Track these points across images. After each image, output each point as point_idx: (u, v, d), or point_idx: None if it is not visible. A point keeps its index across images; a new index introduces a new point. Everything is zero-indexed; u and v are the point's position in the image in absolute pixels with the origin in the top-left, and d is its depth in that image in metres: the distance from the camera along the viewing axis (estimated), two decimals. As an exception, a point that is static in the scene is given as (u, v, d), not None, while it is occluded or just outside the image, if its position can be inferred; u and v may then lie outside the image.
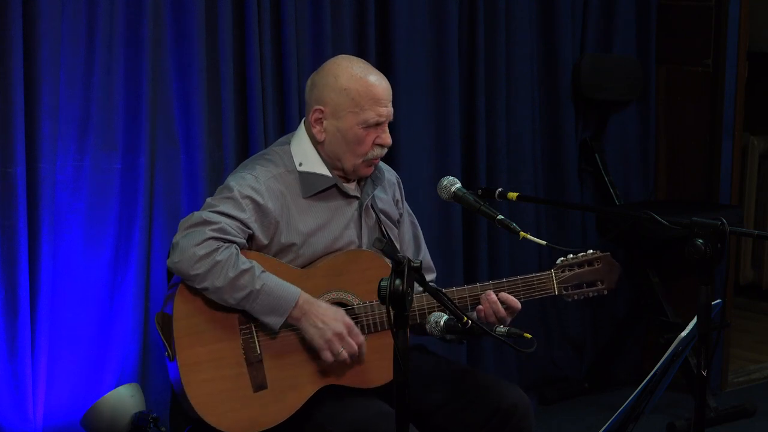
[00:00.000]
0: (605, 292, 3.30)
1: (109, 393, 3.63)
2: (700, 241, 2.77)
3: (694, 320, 2.84)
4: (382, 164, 3.34)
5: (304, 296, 3.07)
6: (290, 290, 3.06)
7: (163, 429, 3.59)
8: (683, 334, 2.91)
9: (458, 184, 3.20)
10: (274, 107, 4.02)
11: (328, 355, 3.08)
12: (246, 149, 3.99)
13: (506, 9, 4.68)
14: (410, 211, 3.47)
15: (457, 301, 3.18)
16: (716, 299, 2.87)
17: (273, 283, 3.05)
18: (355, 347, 3.09)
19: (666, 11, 5.17)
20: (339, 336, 3.07)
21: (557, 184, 5.02)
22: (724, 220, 2.78)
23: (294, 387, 3.10)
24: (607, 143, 5.16)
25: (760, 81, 5.90)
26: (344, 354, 3.08)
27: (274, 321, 3.05)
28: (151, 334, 3.82)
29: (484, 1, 4.61)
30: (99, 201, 3.70)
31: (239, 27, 3.94)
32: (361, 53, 4.20)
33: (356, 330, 3.10)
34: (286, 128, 4.05)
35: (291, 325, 3.09)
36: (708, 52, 5.09)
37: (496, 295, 3.18)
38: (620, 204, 5.05)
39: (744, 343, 5.79)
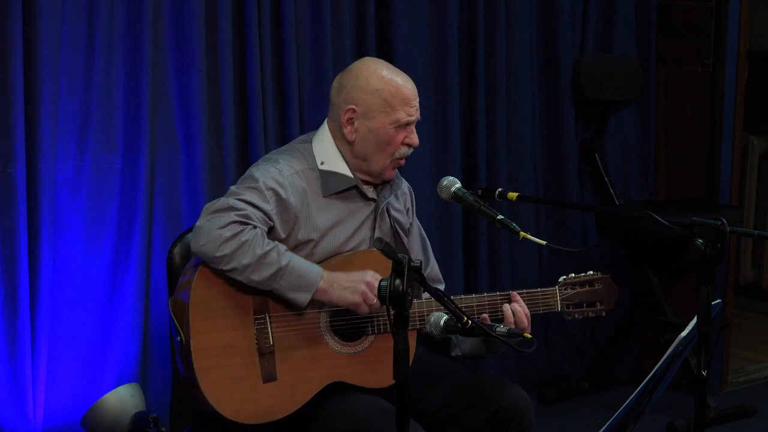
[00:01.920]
0: (603, 314, 3.36)
1: (109, 393, 3.63)
2: (700, 241, 2.77)
3: (694, 320, 2.84)
4: (398, 173, 3.37)
5: (326, 271, 3.10)
6: (314, 267, 3.09)
7: (163, 429, 3.59)
8: (683, 334, 2.91)
9: (458, 184, 3.20)
10: (274, 107, 4.02)
11: (364, 308, 3.10)
12: (246, 149, 3.99)
13: (506, 9, 4.68)
14: (419, 225, 3.49)
15: (464, 309, 3.19)
16: (716, 299, 2.87)
17: (297, 261, 3.07)
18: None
19: (666, 11, 5.18)
20: (369, 285, 3.09)
21: (557, 184, 5.02)
22: (724, 220, 2.78)
23: (303, 381, 3.11)
24: (607, 143, 5.16)
25: (760, 81, 5.90)
26: (378, 303, 3.09)
27: (302, 297, 3.06)
28: (151, 334, 3.83)
29: (484, 1, 4.61)
30: (99, 201, 3.70)
31: (239, 27, 3.94)
32: (360, 53, 4.20)
33: (377, 275, 3.12)
34: (286, 128, 4.05)
35: (317, 303, 3.10)
36: (708, 52, 5.09)
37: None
38: (620, 204, 5.05)
39: (744, 343, 5.79)
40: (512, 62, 4.75)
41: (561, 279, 3.32)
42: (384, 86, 3.20)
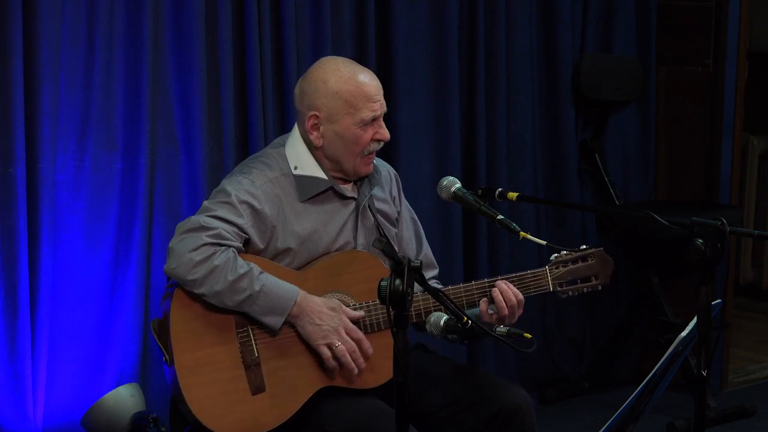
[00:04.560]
0: (599, 288, 3.29)
1: (109, 393, 3.62)
2: (700, 241, 2.77)
3: (694, 320, 2.84)
4: (378, 161, 3.34)
5: (302, 294, 3.08)
6: (289, 289, 3.07)
7: (163, 429, 3.58)
8: (683, 334, 2.91)
9: (458, 184, 3.20)
10: (274, 107, 4.02)
11: (326, 351, 3.08)
12: (246, 149, 3.99)
13: (506, 9, 4.68)
14: (409, 207, 3.46)
15: (453, 299, 3.17)
16: (716, 299, 2.87)
17: (272, 284, 3.05)
18: (352, 343, 3.10)
19: (666, 11, 5.17)
20: (336, 332, 3.08)
21: (557, 184, 5.02)
22: (724, 220, 2.78)
23: (292, 389, 3.10)
24: (607, 143, 5.16)
25: (760, 81, 5.90)
26: (341, 348, 3.08)
27: (274, 321, 3.05)
28: (151, 334, 3.81)
29: (484, 1, 4.61)
30: (99, 201, 3.70)
31: (239, 27, 3.94)
32: (361, 53, 4.20)
33: (352, 326, 3.11)
34: (286, 128, 4.04)
35: (291, 324, 3.09)
36: (708, 52, 5.09)
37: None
38: (620, 204, 5.05)
39: (744, 343, 5.79)
40: (512, 62, 4.75)
41: (552, 257, 3.26)
42: (343, 87, 3.16)
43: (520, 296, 3.18)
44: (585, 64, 4.95)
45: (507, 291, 3.16)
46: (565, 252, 3.26)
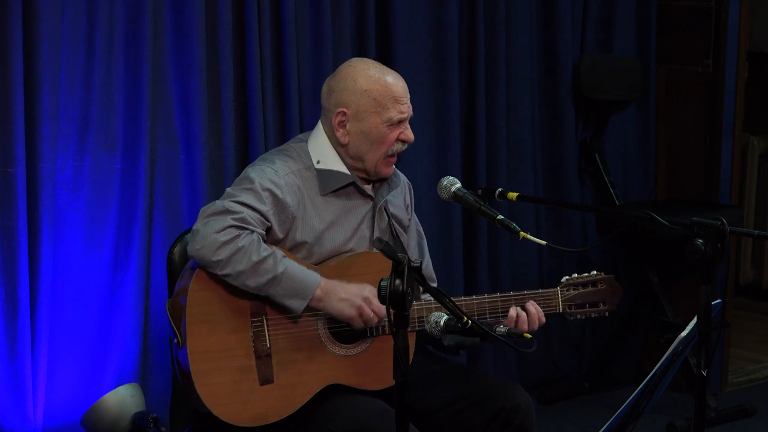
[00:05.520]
0: (606, 314, 3.34)
1: (109, 393, 3.63)
2: (700, 241, 2.77)
3: (694, 320, 2.84)
4: (395, 169, 3.36)
5: (324, 279, 3.09)
6: (312, 274, 3.08)
7: (163, 429, 3.59)
8: (683, 334, 2.91)
9: (458, 184, 3.20)
10: (274, 107, 4.02)
11: (360, 322, 3.09)
12: (246, 149, 3.99)
13: (506, 9, 4.68)
14: (418, 221, 3.49)
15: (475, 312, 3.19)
16: (716, 299, 2.87)
17: (295, 268, 3.06)
18: (383, 311, 3.10)
19: (666, 11, 5.18)
20: (366, 300, 3.08)
21: (557, 184, 5.02)
22: (724, 220, 2.78)
23: (300, 383, 3.11)
24: (607, 143, 5.16)
25: (760, 81, 5.90)
26: (375, 319, 3.10)
27: (297, 304, 3.06)
28: (151, 334, 3.83)
29: (484, 1, 4.61)
30: (99, 201, 3.70)
31: (239, 27, 3.94)
32: (361, 53, 4.20)
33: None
34: (286, 128, 4.05)
35: (312, 310, 3.10)
36: (708, 52, 5.09)
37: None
38: (620, 204, 5.05)
39: (744, 343, 5.79)
40: (512, 62, 4.75)
41: (563, 279, 3.31)
42: (372, 86, 3.19)
43: (543, 319, 3.23)
44: (585, 64, 4.96)
45: (534, 315, 3.20)
46: (575, 275, 3.31)
